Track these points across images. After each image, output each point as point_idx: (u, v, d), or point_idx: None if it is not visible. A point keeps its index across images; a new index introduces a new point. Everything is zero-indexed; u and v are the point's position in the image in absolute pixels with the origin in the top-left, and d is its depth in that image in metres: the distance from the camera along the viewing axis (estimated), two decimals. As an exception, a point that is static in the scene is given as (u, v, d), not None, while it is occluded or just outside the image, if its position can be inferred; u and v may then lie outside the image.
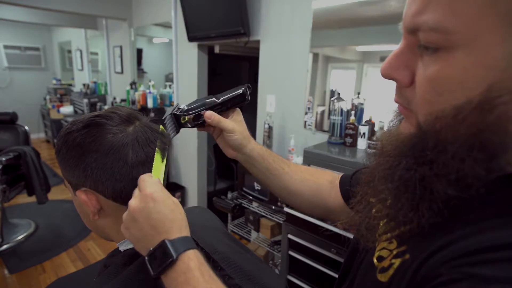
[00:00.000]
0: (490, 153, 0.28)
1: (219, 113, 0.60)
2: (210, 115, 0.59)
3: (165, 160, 0.52)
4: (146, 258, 0.42)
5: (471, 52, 0.27)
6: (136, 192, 0.45)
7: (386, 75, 0.34)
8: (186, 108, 0.60)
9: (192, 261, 0.41)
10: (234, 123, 0.61)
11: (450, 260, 0.28)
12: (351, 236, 0.55)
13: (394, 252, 0.36)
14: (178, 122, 0.60)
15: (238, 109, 0.62)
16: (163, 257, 0.41)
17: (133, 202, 0.44)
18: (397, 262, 0.34)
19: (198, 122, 0.60)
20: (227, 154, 0.65)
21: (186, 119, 0.60)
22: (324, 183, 0.65)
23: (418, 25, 0.30)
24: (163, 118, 0.59)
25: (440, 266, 0.28)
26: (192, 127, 0.61)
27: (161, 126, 0.56)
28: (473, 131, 0.28)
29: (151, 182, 0.46)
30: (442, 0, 0.27)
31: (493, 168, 0.28)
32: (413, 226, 0.33)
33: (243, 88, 0.60)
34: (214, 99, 0.60)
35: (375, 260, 0.39)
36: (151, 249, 0.42)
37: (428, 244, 0.31)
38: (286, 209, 1.60)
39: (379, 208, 0.38)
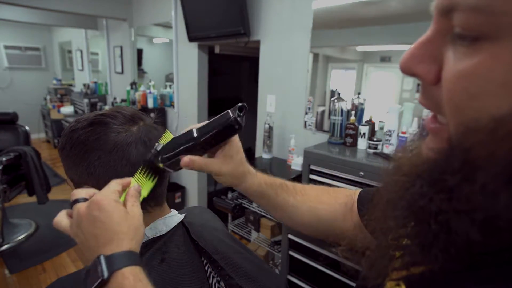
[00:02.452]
0: None
1: (204, 149, 0.48)
2: (188, 163, 0.47)
3: (154, 180, 0.50)
4: (83, 273, 0.39)
5: None
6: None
7: (406, 69, 0.26)
8: (160, 150, 0.49)
9: (127, 280, 0.37)
10: (223, 162, 0.49)
11: None
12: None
13: None
14: (156, 167, 0.50)
15: (233, 140, 0.49)
16: (95, 275, 0.37)
17: (81, 207, 0.41)
18: None
19: (178, 166, 0.49)
20: None
21: (161, 166, 0.49)
22: (338, 209, 0.56)
23: (455, 3, 0.22)
24: (142, 163, 0.50)
25: None
26: (174, 171, 0.50)
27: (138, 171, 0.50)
28: None
29: (108, 189, 0.43)
30: None
31: None
32: (424, 269, 0.27)
33: (230, 117, 0.44)
34: (193, 136, 0.47)
35: None
36: (88, 265, 0.39)
37: None
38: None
39: (397, 234, 0.30)
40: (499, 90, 0.20)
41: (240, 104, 0.46)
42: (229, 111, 0.46)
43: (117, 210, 0.41)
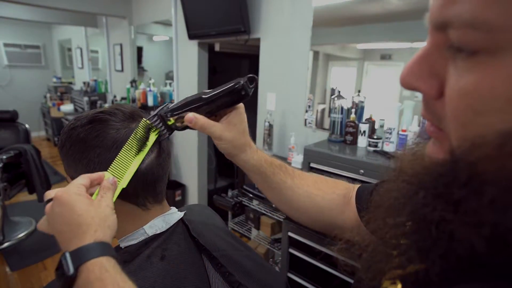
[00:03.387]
0: None
1: (212, 113, 0.49)
2: (191, 119, 0.48)
3: (141, 155, 0.50)
4: (56, 273, 0.38)
5: None
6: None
7: (407, 85, 0.26)
8: (169, 108, 0.51)
9: (92, 273, 0.36)
10: (226, 128, 0.50)
11: None
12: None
13: None
14: (165, 123, 0.51)
15: (239, 108, 0.51)
16: (64, 274, 0.36)
17: (47, 205, 0.41)
18: None
19: (183, 127, 0.51)
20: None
21: (172, 120, 0.50)
22: (335, 198, 0.56)
23: (449, 19, 0.22)
24: (148, 118, 0.51)
25: None
26: (182, 129, 0.51)
27: (144, 119, 0.51)
28: None
29: (71, 184, 0.42)
30: None
31: None
32: (420, 271, 0.27)
33: (240, 82, 0.47)
34: (202, 96, 0.49)
35: None
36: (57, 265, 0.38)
37: None
38: (286, 207, 1.60)
39: (396, 232, 0.30)
40: (504, 106, 0.20)
41: (250, 75, 0.48)
42: (239, 78, 0.48)
43: (78, 203, 0.40)
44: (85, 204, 0.40)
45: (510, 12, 0.19)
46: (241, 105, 0.51)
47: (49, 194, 0.43)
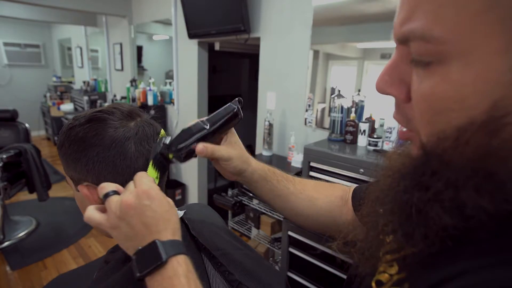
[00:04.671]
0: (499, 182, 0.24)
1: (211, 139, 0.52)
2: (202, 150, 0.50)
3: (159, 176, 0.51)
4: (134, 257, 0.40)
5: (468, 64, 0.24)
6: (130, 187, 0.44)
7: (381, 90, 0.31)
8: (171, 142, 0.51)
9: (181, 267, 0.39)
10: (230, 148, 0.53)
11: None
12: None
13: (394, 278, 0.33)
14: (166, 159, 0.51)
15: (232, 129, 0.55)
16: (152, 258, 0.39)
17: (127, 197, 0.42)
18: None
19: (190, 157, 0.52)
20: (227, 178, 0.58)
21: (171, 156, 0.51)
22: (334, 200, 0.59)
23: (407, 34, 0.27)
24: (152, 158, 0.51)
25: None
26: (182, 162, 0.52)
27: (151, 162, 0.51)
28: (478, 156, 0.24)
29: (148, 179, 0.44)
30: (430, 6, 0.24)
31: (505, 199, 0.24)
32: (413, 251, 0.31)
33: (234, 107, 0.51)
34: (204, 126, 0.51)
35: (373, 284, 0.35)
36: (140, 248, 0.40)
37: (428, 275, 0.28)
38: (286, 206, 1.60)
39: (388, 220, 0.34)
40: (456, 106, 0.25)
41: (238, 98, 0.53)
42: (231, 103, 0.52)
43: (164, 199, 0.43)
44: (167, 202, 0.44)
45: (450, 28, 0.23)
46: None
47: (108, 187, 0.44)
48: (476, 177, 0.25)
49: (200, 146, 0.50)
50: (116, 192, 0.44)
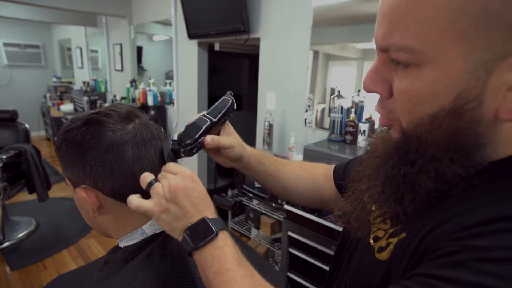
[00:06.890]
0: (465, 153, 0.32)
1: (215, 129, 0.57)
2: (211, 141, 0.55)
3: None
4: (186, 232, 0.44)
5: (438, 67, 0.31)
6: (168, 175, 0.47)
7: (368, 89, 0.38)
8: (180, 138, 0.54)
9: (229, 239, 0.44)
10: (230, 137, 0.59)
11: (448, 235, 0.31)
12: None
13: (390, 231, 0.39)
14: (177, 155, 0.54)
15: (227, 120, 0.59)
16: (205, 232, 0.43)
17: (176, 181, 0.45)
18: (394, 240, 0.38)
19: (198, 150, 0.55)
20: (225, 165, 0.64)
21: (182, 152, 0.54)
22: (318, 177, 0.68)
23: (388, 46, 0.33)
24: (166, 156, 0.53)
25: (439, 241, 0.31)
26: (189, 156, 0.55)
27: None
28: (448, 135, 0.32)
29: (183, 167, 0.48)
30: (407, 24, 0.31)
31: (471, 165, 0.33)
32: (403, 212, 0.37)
33: (230, 99, 0.57)
34: (207, 120, 0.55)
35: (371, 241, 0.42)
36: (190, 224, 0.44)
37: (423, 223, 0.34)
38: (286, 207, 1.61)
39: (371, 193, 0.42)
40: (430, 99, 0.32)
41: (229, 91, 0.59)
42: (225, 97, 0.57)
43: (201, 183, 0.48)
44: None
45: (424, 41, 0.30)
46: None
47: (149, 175, 0.48)
48: (450, 151, 0.33)
49: (209, 138, 0.55)
50: (156, 180, 0.47)
